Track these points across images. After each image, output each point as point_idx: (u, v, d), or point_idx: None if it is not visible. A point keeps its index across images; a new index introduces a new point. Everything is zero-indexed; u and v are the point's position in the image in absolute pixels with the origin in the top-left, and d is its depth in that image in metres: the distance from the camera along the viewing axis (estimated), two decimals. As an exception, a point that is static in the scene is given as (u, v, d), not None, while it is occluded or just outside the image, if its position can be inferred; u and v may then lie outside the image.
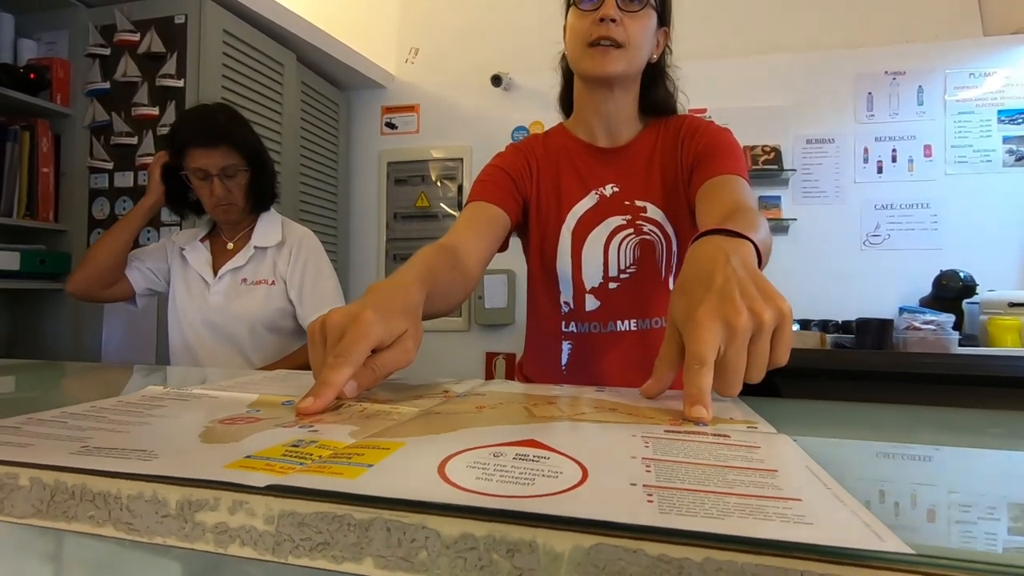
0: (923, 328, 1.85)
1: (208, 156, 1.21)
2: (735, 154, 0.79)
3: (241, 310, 1.27)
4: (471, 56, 2.87)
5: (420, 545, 0.21)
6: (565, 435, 0.31)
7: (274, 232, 1.33)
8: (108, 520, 0.25)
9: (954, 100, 2.40)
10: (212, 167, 1.22)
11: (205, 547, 0.24)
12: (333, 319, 0.43)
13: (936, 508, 0.26)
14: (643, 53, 0.81)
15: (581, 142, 0.89)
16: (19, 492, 0.26)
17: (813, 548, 0.18)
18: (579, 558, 0.20)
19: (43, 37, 2.06)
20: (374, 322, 0.42)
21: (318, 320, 0.44)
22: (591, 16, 0.78)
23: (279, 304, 1.29)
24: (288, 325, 1.32)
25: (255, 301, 1.28)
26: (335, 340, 0.42)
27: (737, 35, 2.59)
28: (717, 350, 0.39)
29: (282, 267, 1.30)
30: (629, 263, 0.84)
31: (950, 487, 0.30)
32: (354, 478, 0.23)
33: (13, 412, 0.35)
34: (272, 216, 1.36)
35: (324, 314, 0.44)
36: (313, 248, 1.34)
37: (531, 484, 0.23)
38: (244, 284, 1.29)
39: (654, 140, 0.86)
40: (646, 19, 0.79)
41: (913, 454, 0.36)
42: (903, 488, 0.29)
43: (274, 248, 1.31)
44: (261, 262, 1.31)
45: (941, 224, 2.39)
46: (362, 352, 0.41)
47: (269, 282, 1.29)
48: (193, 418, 0.34)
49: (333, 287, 1.33)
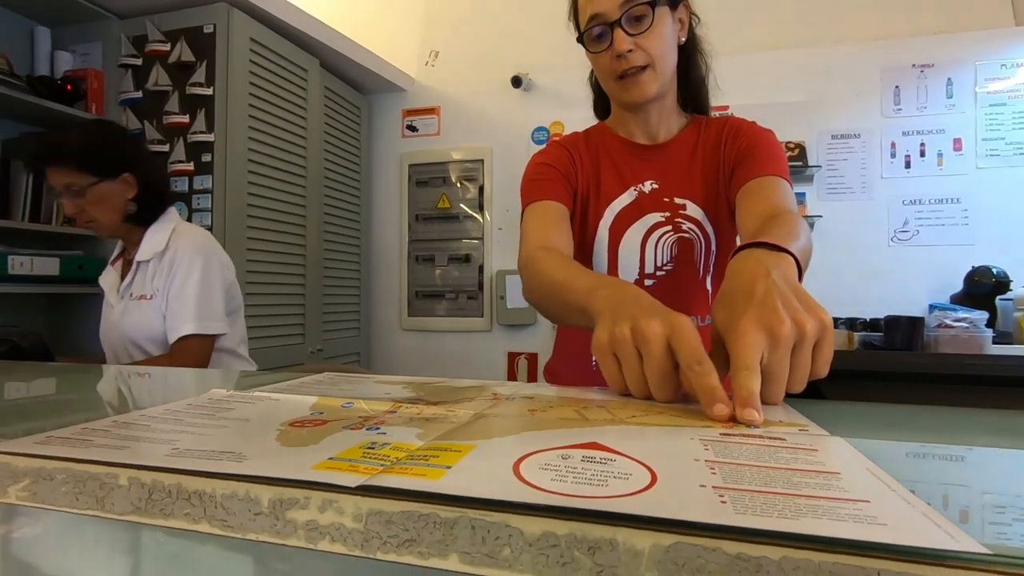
0: (955, 326, 1.82)
1: (52, 175, 1.19)
2: (777, 155, 0.79)
3: (126, 327, 1.24)
4: (491, 58, 2.89)
5: (504, 543, 0.23)
6: (624, 438, 0.32)
7: (159, 242, 1.25)
8: (204, 517, 0.27)
9: (985, 92, 2.35)
10: (57, 185, 1.20)
11: (297, 543, 0.25)
12: (654, 330, 0.42)
13: (991, 510, 0.27)
14: (670, 59, 0.81)
15: (621, 139, 0.89)
16: (119, 491, 0.28)
17: (889, 548, 0.19)
18: (659, 556, 0.21)
19: (78, 49, 2.12)
20: (689, 322, 0.42)
21: (619, 332, 0.43)
22: (608, 53, 0.78)
23: (156, 319, 1.22)
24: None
25: (136, 317, 1.23)
26: (663, 349, 0.41)
27: (759, 30, 2.57)
28: (761, 357, 0.40)
29: (158, 280, 1.23)
30: (666, 260, 0.84)
31: (1007, 489, 0.30)
32: (437, 479, 0.24)
33: (87, 413, 0.37)
34: (163, 225, 1.28)
35: (622, 326, 0.43)
36: (186, 256, 1.23)
37: (604, 485, 0.24)
38: (131, 300, 1.25)
39: (695, 138, 0.86)
40: (659, 27, 0.77)
41: (965, 456, 0.36)
42: (959, 490, 0.30)
43: (156, 259, 1.25)
44: (144, 276, 1.25)
45: (972, 219, 2.35)
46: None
47: (148, 296, 1.23)
48: (264, 420, 0.36)
49: (193, 301, 1.21)
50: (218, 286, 1.26)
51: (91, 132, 1.23)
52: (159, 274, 1.23)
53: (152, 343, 1.23)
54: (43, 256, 1.86)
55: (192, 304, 1.20)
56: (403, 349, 3.01)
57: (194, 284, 1.22)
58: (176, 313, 1.20)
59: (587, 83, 0.99)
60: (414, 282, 3.00)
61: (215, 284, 1.25)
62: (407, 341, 3.00)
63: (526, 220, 0.82)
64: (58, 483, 0.30)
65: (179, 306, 1.20)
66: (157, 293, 1.23)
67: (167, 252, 1.24)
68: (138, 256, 1.25)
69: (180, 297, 1.21)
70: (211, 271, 1.25)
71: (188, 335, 1.19)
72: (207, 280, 1.24)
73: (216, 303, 1.25)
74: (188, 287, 1.21)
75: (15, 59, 1.89)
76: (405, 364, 2.97)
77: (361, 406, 0.40)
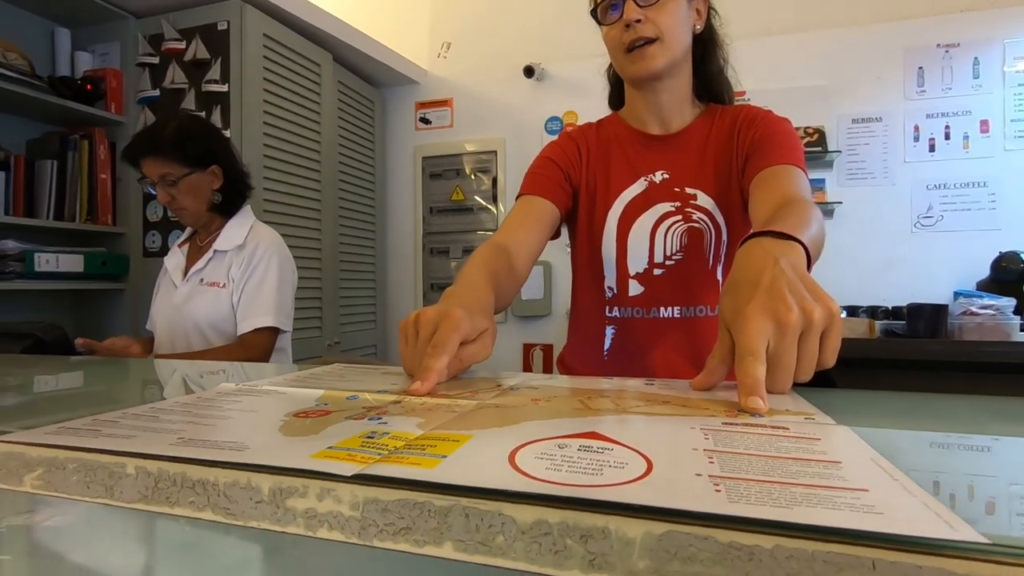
0: (981, 313, 1.78)
1: (148, 165, 1.25)
2: (792, 143, 0.78)
3: (192, 310, 1.28)
4: (503, 48, 2.87)
5: (497, 531, 0.23)
6: (624, 428, 0.32)
7: (238, 236, 1.32)
8: (208, 505, 0.27)
9: (1013, 71, 2.28)
10: (152, 175, 1.25)
11: (296, 530, 0.26)
12: (427, 315, 0.50)
13: (1000, 499, 0.26)
14: (680, 37, 0.81)
15: (633, 129, 0.90)
16: (127, 479, 0.29)
17: (884, 537, 0.19)
18: (651, 544, 0.21)
19: (97, 49, 2.16)
20: (463, 318, 0.49)
21: (411, 316, 0.51)
22: (618, 25, 0.79)
23: (225, 307, 1.27)
24: (233, 329, 1.29)
25: (204, 302, 1.28)
26: (429, 333, 0.48)
27: (776, 13, 2.51)
28: (767, 344, 0.39)
29: (235, 271, 1.29)
30: (675, 250, 0.85)
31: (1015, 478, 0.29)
32: (432, 468, 0.24)
33: (103, 405, 0.38)
34: (242, 220, 1.36)
35: (417, 311, 0.51)
36: (266, 253, 1.30)
37: (599, 474, 0.24)
38: (201, 285, 1.30)
39: (708, 128, 0.86)
40: (671, 3, 0.78)
41: (976, 444, 0.35)
42: (967, 479, 0.29)
43: (234, 251, 1.31)
44: (219, 265, 1.31)
45: (1000, 203, 2.28)
46: (455, 343, 0.47)
47: (220, 285, 1.28)
48: (270, 412, 0.37)
49: (273, 295, 1.27)
50: (290, 285, 1.34)
51: (185, 125, 1.30)
52: (236, 266, 1.29)
53: (213, 329, 1.28)
54: (68, 253, 1.91)
55: (271, 298, 1.27)
56: (419, 341, 3.02)
57: (272, 280, 1.28)
58: (253, 305, 1.26)
59: (601, 72, 1.00)
60: (429, 274, 3.02)
61: (288, 283, 1.33)
62: (423, 333, 3.02)
63: (508, 214, 0.86)
64: (70, 472, 0.30)
65: (257, 299, 1.26)
66: (231, 283, 1.28)
67: (246, 246, 1.31)
68: (216, 245, 1.31)
69: (259, 290, 1.27)
70: (286, 271, 1.33)
71: (262, 327, 1.25)
72: (283, 278, 1.31)
73: (288, 301, 1.32)
74: (267, 282, 1.28)
75: (36, 61, 1.93)
76: (421, 356, 2.98)
77: (366, 397, 0.41)
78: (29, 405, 0.50)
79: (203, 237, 1.37)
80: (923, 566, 0.19)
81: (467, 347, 0.49)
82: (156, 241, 2.11)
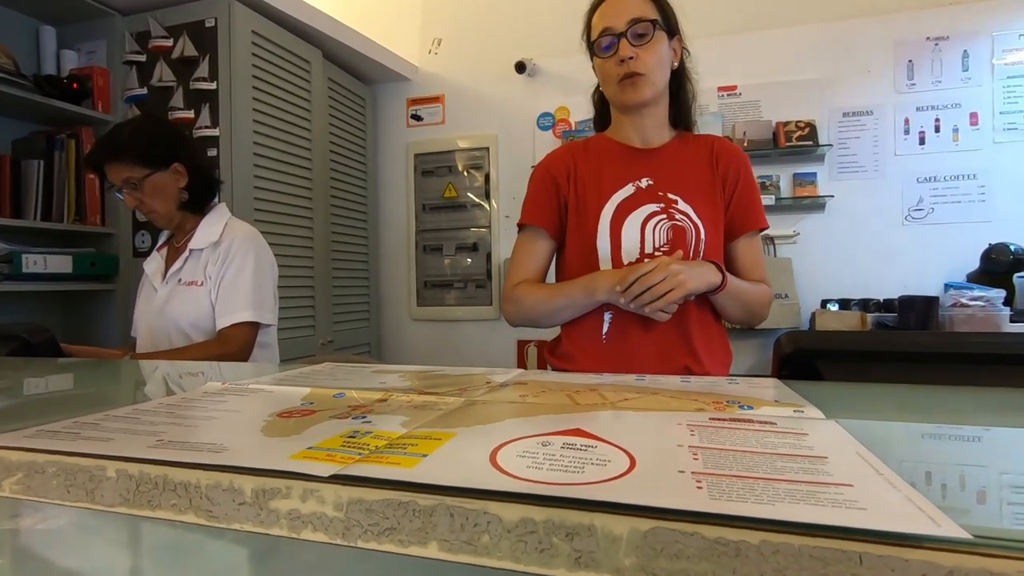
0: (971, 304, 1.79)
1: (111, 171, 1.24)
2: (759, 196, 1.02)
3: (172, 311, 1.26)
4: (494, 44, 2.85)
5: (482, 530, 0.23)
6: (610, 424, 0.31)
7: (213, 233, 1.30)
8: (190, 508, 0.27)
9: (1003, 64, 2.28)
10: (116, 181, 1.24)
11: (280, 532, 0.26)
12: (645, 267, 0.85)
13: (989, 490, 0.26)
14: (663, 72, 0.97)
15: (620, 144, 1.04)
16: (107, 483, 0.29)
17: (868, 532, 0.19)
18: (637, 541, 0.21)
19: (83, 47, 2.13)
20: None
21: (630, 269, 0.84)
22: (613, 59, 0.94)
23: (204, 305, 1.25)
24: (215, 327, 1.26)
25: (184, 302, 1.26)
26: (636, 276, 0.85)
27: (767, 7, 2.51)
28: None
29: (211, 268, 1.26)
30: (663, 243, 0.97)
31: (1003, 469, 0.29)
32: (411, 467, 0.24)
33: (87, 408, 0.37)
34: (217, 217, 1.34)
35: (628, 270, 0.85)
36: (241, 247, 1.28)
37: (580, 472, 0.24)
38: (180, 286, 1.28)
39: (684, 148, 1.03)
40: (658, 44, 0.94)
41: (963, 435, 0.35)
42: (954, 471, 0.29)
43: (209, 248, 1.28)
44: (196, 264, 1.28)
45: (989, 195, 2.29)
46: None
47: (199, 283, 1.26)
48: (254, 412, 0.36)
49: (250, 289, 1.24)
50: (269, 278, 1.31)
51: (142, 126, 1.28)
52: (212, 263, 1.27)
53: (195, 328, 1.27)
54: (56, 254, 1.89)
55: (248, 292, 1.24)
56: (413, 339, 3.02)
57: (248, 274, 1.26)
58: (230, 300, 1.23)
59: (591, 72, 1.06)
60: (423, 272, 3.01)
61: (267, 276, 1.30)
62: (417, 331, 3.01)
63: (514, 248, 1.07)
64: (49, 476, 0.30)
65: (234, 293, 1.24)
66: (208, 281, 1.26)
67: (221, 243, 1.28)
68: (192, 244, 1.29)
69: (235, 285, 1.24)
70: (263, 264, 1.30)
71: (240, 322, 1.23)
72: (260, 272, 1.28)
73: (268, 294, 1.29)
74: (243, 277, 1.25)
75: (22, 59, 1.90)
76: (416, 354, 2.98)
77: (353, 396, 0.40)
78: (13, 408, 0.50)
79: (179, 238, 1.35)
80: (910, 559, 0.18)
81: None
82: (145, 241, 2.09)
